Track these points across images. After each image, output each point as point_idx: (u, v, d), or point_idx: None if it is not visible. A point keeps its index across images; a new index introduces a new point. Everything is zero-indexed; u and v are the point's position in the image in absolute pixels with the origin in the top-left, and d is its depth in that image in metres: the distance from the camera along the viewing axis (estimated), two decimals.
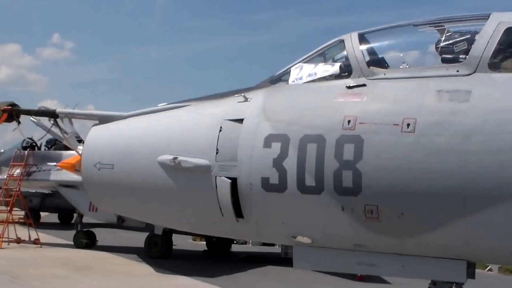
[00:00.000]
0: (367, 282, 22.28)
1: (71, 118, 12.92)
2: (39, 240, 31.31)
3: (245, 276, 25.12)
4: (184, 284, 22.07)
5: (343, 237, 10.07)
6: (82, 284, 20.59)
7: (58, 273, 22.57)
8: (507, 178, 8.93)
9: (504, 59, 9.93)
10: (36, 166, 34.10)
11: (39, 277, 21.32)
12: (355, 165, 9.51)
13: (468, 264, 10.14)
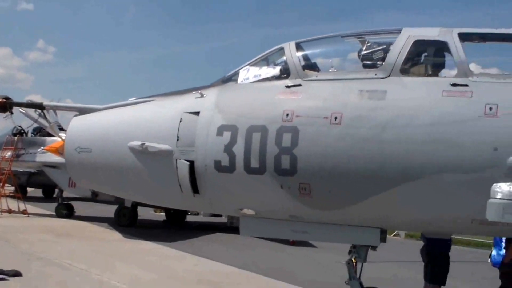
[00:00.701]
0: (297, 246, 22.30)
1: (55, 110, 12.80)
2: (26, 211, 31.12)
3: (197, 241, 25.08)
4: (147, 248, 21.97)
5: (281, 210, 10.06)
6: (64, 247, 20.40)
7: (43, 238, 22.37)
8: (413, 163, 9.10)
9: (413, 66, 10.10)
10: (24, 149, 34.13)
11: (27, 241, 21.10)
12: (292, 150, 9.52)
13: (381, 231, 10.26)
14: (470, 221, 9.43)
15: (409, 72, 9.95)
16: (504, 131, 8.92)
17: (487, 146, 8.91)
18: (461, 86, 9.38)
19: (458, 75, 9.58)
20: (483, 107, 9.09)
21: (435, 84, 9.65)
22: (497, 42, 10.48)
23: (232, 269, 17.92)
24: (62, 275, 14.91)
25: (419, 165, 9.14)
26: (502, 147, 8.84)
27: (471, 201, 9.00)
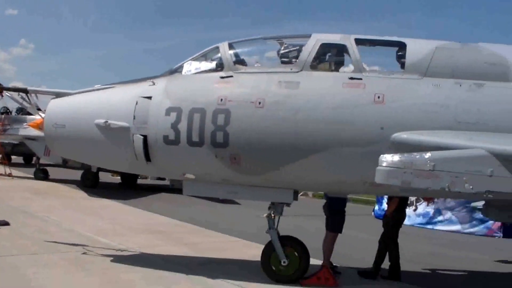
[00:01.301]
0: (226, 204, 22.39)
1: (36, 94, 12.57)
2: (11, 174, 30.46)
3: (146, 199, 24.90)
4: (107, 204, 21.77)
5: (216, 175, 10.11)
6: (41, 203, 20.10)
7: (25, 196, 21.96)
8: (319, 138, 9.38)
9: (320, 63, 10.23)
10: (9, 125, 33.44)
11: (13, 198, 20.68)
12: (225, 128, 9.62)
13: (294, 192, 10.47)
14: (362, 183, 9.74)
15: (317, 68, 10.10)
16: (389, 114, 9.29)
17: (376, 126, 9.24)
18: (357, 80, 9.65)
19: (354, 71, 9.86)
20: (373, 96, 9.41)
21: (337, 77, 9.90)
22: (383, 46, 10.66)
23: (175, 221, 17.89)
24: (41, 225, 14.77)
25: (324, 140, 9.39)
26: (387, 126, 9.21)
27: (364, 168, 9.26)
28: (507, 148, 8.55)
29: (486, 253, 15.98)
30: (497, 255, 15.52)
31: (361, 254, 12.35)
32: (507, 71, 9.77)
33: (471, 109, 9.32)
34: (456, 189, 8.55)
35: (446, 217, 21.82)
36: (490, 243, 18.61)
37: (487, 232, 20.51)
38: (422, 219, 22.25)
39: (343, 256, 11.80)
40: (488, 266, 13.96)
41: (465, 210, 20.64)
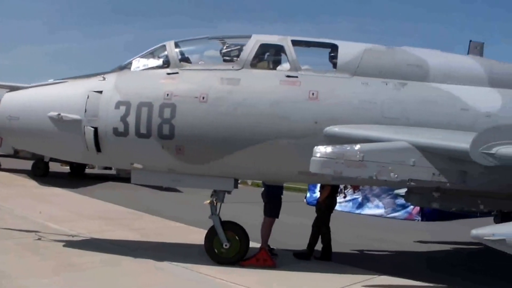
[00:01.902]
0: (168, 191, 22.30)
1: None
2: None
3: (94, 188, 24.57)
4: (58, 193, 21.36)
5: (162, 164, 10.08)
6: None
7: None
8: (258, 131, 9.52)
9: (259, 61, 10.34)
10: None
11: None
12: (171, 121, 9.61)
13: (235, 180, 10.55)
14: (298, 173, 9.89)
15: (256, 66, 10.19)
16: (322, 110, 9.52)
17: (310, 120, 9.44)
18: (293, 78, 9.81)
19: (291, 70, 10.01)
20: (308, 93, 9.59)
21: (275, 75, 10.01)
22: (317, 47, 10.82)
23: (122, 208, 17.72)
24: None
25: (263, 133, 9.52)
26: (320, 121, 9.43)
27: (299, 159, 9.40)
28: (427, 141, 8.88)
29: (406, 234, 16.38)
30: (416, 236, 15.93)
31: (296, 238, 12.46)
32: (427, 72, 10.14)
33: (396, 105, 9.64)
34: (382, 178, 8.84)
35: (374, 203, 22.30)
36: (410, 226, 19.08)
37: (408, 216, 21.06)
38: (351, 206, 22.68)
39: (279, 239, 11.90)
40: (409, 246, 14.33)
41: (389, 196, 21.13)
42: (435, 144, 8.88)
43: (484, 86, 10.30)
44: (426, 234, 16.46)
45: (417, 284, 9.76)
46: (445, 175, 8.96)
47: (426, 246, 14.75)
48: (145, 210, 17.14)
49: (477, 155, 8.46)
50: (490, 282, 9.98)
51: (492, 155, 8.43)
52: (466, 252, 14.08)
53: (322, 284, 9.44)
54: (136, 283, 8.82)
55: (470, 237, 7.99)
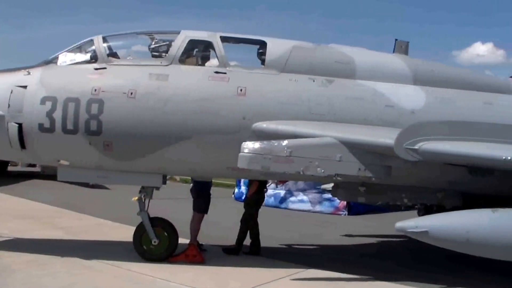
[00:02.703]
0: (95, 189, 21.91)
1: None
2: None
3: (18, 186, 23.87)
4: None
5: (90, 161, 9.93)
6: None
7: None
8: (186, 127, 9.54)
9: (188, 57, 10.33)
10: None
11: None
12: (99, 117, 9.48)
13: (163, 176, 10.56)
14: (226, 168, 9.97)
15: (185, 62, 10.19)
16: (250, 106, 9.64)
17: (238, 116, 9.55)
18: (221, 74, 9.89)
19: (219, 66, 10.08)
20: (236, 88, 9.69)
21: (204, 71, 10.06)
22: (246, 44, 10.96)
23: (48, 207, 17.35)
24: None
25: (191, 129, 9.54)
26: (248, 117, 9.56)
27: (227, 154, 9.51)
28: (353, 137, 9.15)
29: (334, 228, 16.70)
30: (342, 230, 16.25)
31: (225, 233, 12.55)
32: (353, 69, 10.41)
33: (323, 102, 9.86)
34: (309, 173, 9.05)
35: (298, 198, 22.61)
36: (336, 220, 19.41)
37: (334, 210, 21.39)
38: (274, 200, 22.82)
39: (209, 235, 11.96)
40: (335, 240, 14.62)
41: (315, 191, 21.44)
42: (360, 140, 9.17)
43: (408, 84, 10.67)
44: (352, 228, 16.80)
45: (344, 276, 9.97)
46: (371, 170, 9.26)
47: (352, 239, 15.05)
48: (72, 208, 16.86)
49: (401, 150, 8.81)
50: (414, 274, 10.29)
51: (415, 150, 8.80)
52: (391, 244, 14.46)
53: (251, 279, 9.50)
54: (63, 282, 8.67)
55: (395, 229, 8.26)
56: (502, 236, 7.92)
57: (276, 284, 9.34)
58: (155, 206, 10.85)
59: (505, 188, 10.36)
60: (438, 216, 8.53)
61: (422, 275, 10.19)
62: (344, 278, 9.90)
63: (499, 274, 10.21)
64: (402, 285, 9.58)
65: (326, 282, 9.64)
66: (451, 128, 9.26)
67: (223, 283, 9.24)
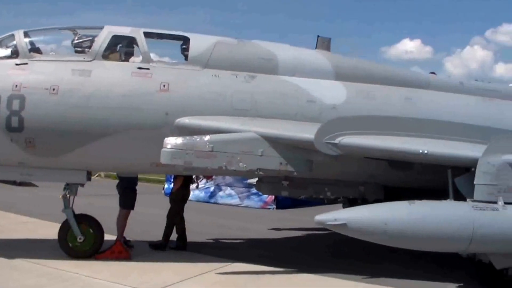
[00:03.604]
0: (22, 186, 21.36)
1: None
2: None
3: None
4: None
5: (12, 158, 9.74)
6: None
7: None
8: (109, 123, 9.52)
9: (111, 53, 10.26)
10: None
11: None
12: (20, 113, 9.32)
13: (87, 172, 10.45)
14: (150, 164, 9.99)
15: (108, 58, 10.12)
16: (173, 101, 9.70)
17: (161, 112, 9.60)
18: (144, 69, 9.91)
19: (142, 61, 10.08)
20: (159, 84, 9.72)
21: (127, 67, 10.03)
22: (169, 40, 10.99)
23: None
24: None
25: (114, 125, 9.53)
26: (171, 112, 9.62)
27: (151, 150, 9.51)
28: (275, 132, 9.35)
29: (261, 223, 16.86)
30: (270, 224, 16.47)
31: (152, 228, 12.50)
32: (276, 65, 10.60)
33: (246, 97, 10.01)
34: (232, 168, 9.19)
35: (226, 192, 22.73)
36: (265, 214, 19.64)
37: (263, 205, 21.67)
38: (204, 195, 22.97)
39: (136, 231, 11.95)
40: (263, 234, 14.80)
41: (243, 185, 21.61)
42: (282, 134, 9.38)
43: (330, 80, 10.92)
44: (280, 222, 17.05)
45: (269, 269, 10.15)
46: (292, 164, 9.49)
47: (279, 233, 15.28)
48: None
49: (321, 145, 9.06)
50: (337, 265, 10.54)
51: (335, 144, 9.07)
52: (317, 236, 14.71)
53: (177, 274, 9.56)
54: None
55: (314, 222, 8.44)
56: (418, 227, 8.20)
57: (201, 279, 9.43)
58: (81, 203, 10.78)
59: (424, 181, 10.78)
60: (356, 209, 8.77)
61: (344, 266, 10.47)
62: (269, 271, 10.07)
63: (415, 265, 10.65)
64: (325, 276, 9.84)
65: (250, 275, 9.80)
66: (371, 123, 9.60)
67: (148, 279, 9.23)
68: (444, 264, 10.72)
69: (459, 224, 8.26)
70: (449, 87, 11.98)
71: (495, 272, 9.11)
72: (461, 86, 12.18)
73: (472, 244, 8.34)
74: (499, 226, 8.37)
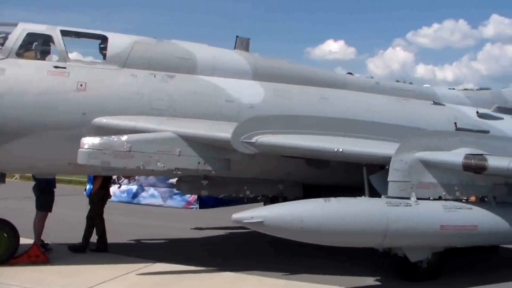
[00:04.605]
0: None
1: None
2: None
3: None
4: None
5: None
6: None
7: None
8: (25, 122, 9.18)
9: (26, 51, 9.92)
10: None
11: None
12: None
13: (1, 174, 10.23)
14: (67, 164, 9.75)
15: (23, 56, 9.77)
16: (90, 101, 9.52)
17: (78, 111, 9.41)
18: (61, 68, 9.65)
19: (59, 60, 9.85)
20: (76, 83, 9.51)
21: (42, 65, 9.72)
22: (87, 38, 10.79)
23: None
24: None
25: (29, 125, 9.23)
26: (88, 112, 9.43)
27: (68, 150, 9.29)
28: (192, 131, 9.35)
29: (184, 222, 16.81)
30: (193, 223, 16.46)
31: (72, 231, 12.24)
32: (194, 65, 10.59)
33: (164, 97, 9.96)
34: (150, 167, 9.15)
35: (149, 193, 22.56)
36: (188, 214, 19.67)
37: (186, 205, 21.63)
38: (127, 196, 22.73)
39: (55, 233, 11.69)
40: (186, 233, 14.76)
41: (166, 186, 21.46)
42: (199, 134, 9.40)
43: (248, 79, 11.03)
44: (202, 221, 17.02)
45: (190, 268, 10.14)
46: (210, 163, 9.53)
47: (202, 232, 15.32)
48: None
49: (238, 144, 9.14)
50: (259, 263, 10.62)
51: (252, 143, 9.17)
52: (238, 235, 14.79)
53: (97, 276, 9.38)
54: None
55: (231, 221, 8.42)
56: (334, 223, 8.30)
57: (121, 280, 9.31)
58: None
59: (341, 178, 11.01)
60: (273, 207, 8.77)
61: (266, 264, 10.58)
62: (190, 270, 10.06)
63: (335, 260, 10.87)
64: (247, 274, 9.91)
65: (172, 275, 9.75)
66: (288, 122, 9.74)
67: (67, 283, 9.03)
68: (361, 259, 10.95)
69: (374, 219, 8.46)
70: (365, 87, 12.33)
71: (410, 265, 9.43)
72: (377, 86, 12.55)
73: (386, 239, 8.57)
74: (411, 221, 8.66)
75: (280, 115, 10.01)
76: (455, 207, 9.13)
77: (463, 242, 9.46)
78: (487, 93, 15.48)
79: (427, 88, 14.47)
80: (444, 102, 13.41)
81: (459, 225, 8.97)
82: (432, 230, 8.79)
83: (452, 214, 8.97)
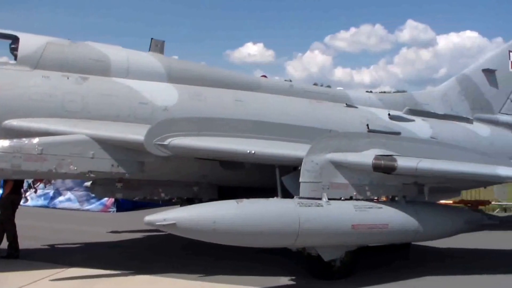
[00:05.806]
0: None
1: None
2: None
3: None
4: None
5: None
6: None
7: None
8: None
9: None
10: None
11: None
12: None
13: None
14: None
15: None
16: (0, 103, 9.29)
17: None
18: None
19: None
20: None
21: None
22: None
23: None
24: None
25: None
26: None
27: None
28: (105, 134, 9.32)
29: (100, 226, 16.63)
30: (109, 227, 16.31)
31: None
32: (108, 67, 10.53)
33: (77, 99, 9.85)
34: (62, 171, 9.05)
35: (66, 196, 22.15)
36: (105, 218, 19.46)
37: (103, 208, 21.43)
38: (43, 200, 22.22)
39: None
40: (101, 237, 14.57)
41: (82, 189, 21.12)
42: (112, 136, 9.39)
43: (162, 82, 11.07)
44: (119, 224, 16.92)
45: (105, 272, 10.05)
46: (124, 166, 9.54)
47: (118, 235, 15.19)
48: None
49: (151, 146, 9.19)
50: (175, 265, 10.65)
51: (165, 146, 9.22)
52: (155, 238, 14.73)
53: (8, 283, 9.22)
54: None
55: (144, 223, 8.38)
56: (246, 225, 8.37)
57: (34, 286, 9.12)
58: None
59: (255, 180, 11.18)
60: (186, 209, 8.77)
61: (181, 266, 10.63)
62: (105, 274, 9.97)
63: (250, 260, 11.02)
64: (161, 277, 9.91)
65: (85, 280, 9.61)
66: (201, 124, 9.85)
67: None
68: (277, 259, 11.12)
69: (286, 220, 8.59)
70: (279, 90, 12.57)
71: (323, 264, 9.61)
72: (291, 88, 12.81)
73: (299, 239, 8.73)
74: (323, 221, 8.86)
75: (194, 117, 10.10)
76: (365, 206, 9.40)
77: (374, 240, 9.73)
78: (399, 96, 16.11)
79: (340, 90, 14.82)
80: (357, 105, 13.83)
81: (370, 224, 9.23)
82: (344, 229, 9.01)
83: (363, 214, 9.24)
